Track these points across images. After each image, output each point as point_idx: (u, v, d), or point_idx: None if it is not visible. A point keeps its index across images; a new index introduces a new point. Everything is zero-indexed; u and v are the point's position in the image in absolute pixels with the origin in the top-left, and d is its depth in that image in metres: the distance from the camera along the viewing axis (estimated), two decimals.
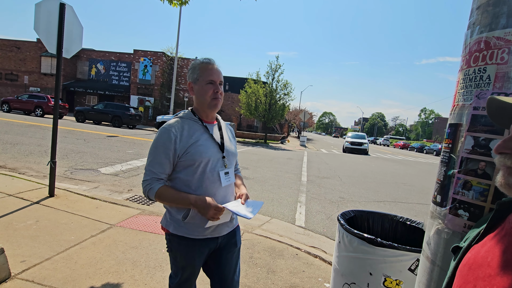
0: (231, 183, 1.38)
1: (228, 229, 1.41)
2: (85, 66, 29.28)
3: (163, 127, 1.28)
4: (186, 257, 1.33)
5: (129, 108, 19.51)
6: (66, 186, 4.51)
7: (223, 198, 1.34)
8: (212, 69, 1.31)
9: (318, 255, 3.11)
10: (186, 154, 1.25)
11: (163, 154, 1.24)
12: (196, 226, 1.29)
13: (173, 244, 1.35)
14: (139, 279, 2.27)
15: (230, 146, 1.43)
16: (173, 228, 1.31)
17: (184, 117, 1.34)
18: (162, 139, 1.25)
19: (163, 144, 1.24)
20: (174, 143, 1.23)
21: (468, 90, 0.82)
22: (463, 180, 0.80)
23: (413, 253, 1.32)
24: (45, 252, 2.47)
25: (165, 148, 1.23)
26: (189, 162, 1.25)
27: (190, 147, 1.25)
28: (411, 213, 5.58)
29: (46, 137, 9.30)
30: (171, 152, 1.24)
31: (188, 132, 1.27)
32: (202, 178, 1.27)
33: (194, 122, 1.32)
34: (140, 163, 7.20)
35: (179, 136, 1.24)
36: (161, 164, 1.24)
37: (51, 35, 3.64)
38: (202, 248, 1.34)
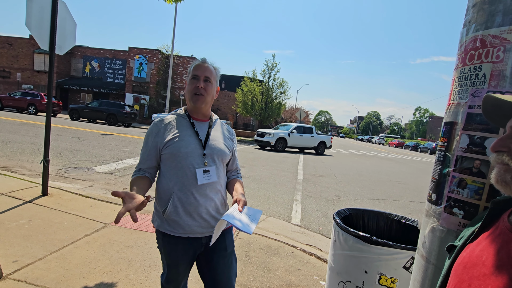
0: (211, 182, 1.32)
1: (210, 231, 1.35)
2: (79, 63, 28.92)
3: (153, 123, 1.38)
4: (170, 255, 1.33)
5: (124, 106, 19.33)
6: (59, 184, 4.45)
7: (202, 197, 1.30)
8: (200, 66, 1.34)
9: (313, 253, 3.12)
10: (166, 148, 1.29)
11: (145, 146, 1.35)
12: (176, 223, 1.28)
13: (159, 240, 1.37)
14: (134, 278, 2.25)
15: (219, 145, 1.38)
16: (157, 225, 1.35)
17: (175, 113, 1.41)
18: (148, 131, 1.36)
19: (146, 137, 1.35)
20: (154, 136, 1.32)
21: (463, 89, 0.82)
22: (458, 179, 0.80)
23: (408, 251, 1.33)
24: (38, 251, 2.44)
25: (146, 141, 1.34)
26: (168, 155, 1.29)
27: (170, 141, 1.28)
28: (406, 211, 5.63)
29: (39, 135, 9.18)
30: (150, 145, 1.32)
31: (173, 127, 1.33)
32: (180, 173, 1.28)
33: (182, 119, 1.38)
34: (135, 162, 7.14)
35: (162, 130, 1.32)
36: (142, 155, 1.35)
37: (44, 31, 3.58)
38: (185, 247, 1.32)
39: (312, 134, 15.97)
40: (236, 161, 1.51)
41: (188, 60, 27.90)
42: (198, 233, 1.32)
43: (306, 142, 15.84)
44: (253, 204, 4.90)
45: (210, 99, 1.37)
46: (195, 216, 1.29)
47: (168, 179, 1.29)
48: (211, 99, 1.38)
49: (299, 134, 15.58)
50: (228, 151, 1.42)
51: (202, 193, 1.30)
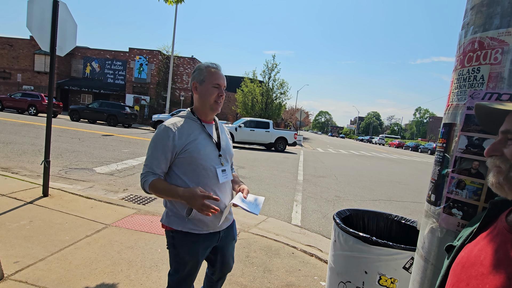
0: (229, 180, 1.46)
1: (227, 223, 1.51)
2: (79, 64, 28.95)
3: (162, 125, 1.33)
4: (190, 253, 1.38)
5: (125, 107, 19.35)
6: (60, 185, 4.46)
7: (223, 194, 1.42)
8: (219, 74, 1.39)
9: (314, 253, 3.12)
10: (185, 152, 1.30)
11: (160, 150, 1.29)
12: (201, 221, 1.36)
13: (177, 240, 1.38)
14: (134, 279, 2.25)
15: (227, 145, 1.50)
16: (177, 225, 1.36)
17: (184, 116, 1.40)
18: (160, 136, 1.30)
19: (161, 141, 1.29)
20: (172, 140, 1.28)
21: (462, 90, 0.83)
22: (457, 180, 0.81)
23: (407, 252, 1.33)
24: (39, 252, 2.44)
25: (163, 145, 1.29)
26: (188, 159, 1.30)
27: (188, 144, 1.30)
28: (406, 212, 5.63)
29: (40, 136, 9.19)
30: (168, 149, 1.29)
31: (187, 130, 1.33)
32: (200, 175, 1.33)
33: (192, 121, 1.38)
34: (136, 162, 7.15)
35: (178, 134, 1.30)
36: (157, 159, 1.30)
37: (45, 33, 3.59)
38: (206, 242, 1.41)
39: (267, 129, 14.81)
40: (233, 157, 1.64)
41: (188, 61, 27.92)
42: (218, 228, 1.43)
43: (259, 138, 14.77)
44: None
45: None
46: (216, 214, 1.35)
47: (189, 181, 1.32)
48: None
49: (249, 128, 14.62)
50: (232, 150, 1.56)
51: (222, 191, 1.41)
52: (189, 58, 28.07)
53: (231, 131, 14.22)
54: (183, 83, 28.03)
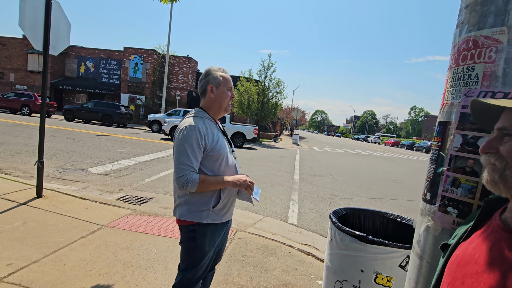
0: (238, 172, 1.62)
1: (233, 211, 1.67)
2: (73, 63, 28.62)
3: (189, 125, 1.40)
4: (211, 243, 1.50)
5: (120, 106, 19.19)
6: (54, 186, 4.41)
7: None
8: (229, 78, 1.56)
9: (310, 252, 3.13)
10: (213, 150, 1.43)
11: (197, 149, 1.39)
12: (222, 210, 1.51)
13: (198, 233, 1.46)
14: (130, 280, 2.24)
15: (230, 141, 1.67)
16: (199, 217, 1.45)
17: (201, 116, 1.49)
18: (194, 136, 1.38)
19: (196, 140, 1.38)
20: (204, 139, 1.40)
21: (457, 89, 0.83)
22: (452, 178, 0.81)
23: (403, 250, 1.34)
24: (32, 254, 2.41)
25: (198, 144, 1.39)
26: (216, 156, 1.44)
27: (215, 143, 1.44)
28: (402, 210, 5.67)
29: (33, 136, 9.07)
30: (201, 147, 1.40)
31: (211, 130, 1.46)
32: (225, 169, 1.49)
33: (211, 122, 1.51)
34: (131, 162, 7.10)
35: (206, 133, 1.42)
36: (196, 157, 1.40)
37: (37, 32, 3.54)
38: (221, 230, 1.56)
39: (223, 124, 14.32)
40: None
41: (184, 60, 27.77)
42: (230, 215, 1.60)
43: None
44: (250, 204, 4.89)
45: None
46: (233, 202, 1.58)
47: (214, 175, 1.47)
48: None
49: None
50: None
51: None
52: (185, 57, 27.91)
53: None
54: (179, 82, 27.87)
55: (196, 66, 29.46)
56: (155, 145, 11.22)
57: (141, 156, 8.17)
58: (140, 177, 5.86)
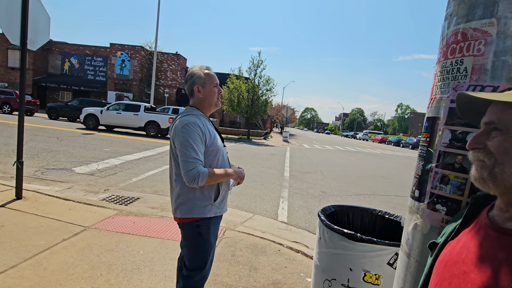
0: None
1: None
2: (57, 60, 27.72)
3: (189, 123, 1.43)
4: (214, 235, 1.58)
5: (106, 104, 18.72)
6: (36, 187, 4.24)
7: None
8: (214, 75, 1.59)
9: (300, 250, 3.12)
10: (212, 145, 1.51)
11: (200, 144, 1.45)
12: (222, 203, 1.58)
13: (203, 228, 1.51)
14: (114, 283, 2.16)
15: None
16: (203, 212, 1.50)
17: (196, 114, 1.53)
18: (196, 132, 1.44)
19: (199, 136, 1.44)
20: (204, 135, 1.47)
21: (445, 83, 0.81)
22: (441, 174, 0.79)
23: (391, 247, 1.33)
24: (10, 259, 2.30)
25: (200, 139, 1.45)
26: (214, 151, 1.52)
27: (212, 139, 1.51)
28: (389, 205, 5.76)
29: (14, 135, 8.71)
30: (203, 142, 1.47)
31: (207, 127, 1.52)
32: (222, 163, 1.59)
33: (205, 119, 1.56)
34: (117, 162, 6.92)
35: (205, 130, 1.48)
36: (201, 151, 1.46)
37: (14, 25, 3.37)
38: (220, 221, 1.64)
39: (136, 112, 13.77)
40: None
41: (172, 57, 27.33)
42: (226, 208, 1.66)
43: (127, 121, 13.83)
44: (240, 202, 4.86)
45: None
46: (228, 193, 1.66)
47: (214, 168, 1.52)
48: None
49: (116, 111, 13.86)
50: None
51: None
52: (173, 54, 27.48)
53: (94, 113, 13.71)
54: (167, 79, 27.44)
55: (185, 63, 29.05)
56: (143, 143, 11.01)
57: (128, 155, 7.99)
58: (127, 176, 5.72)
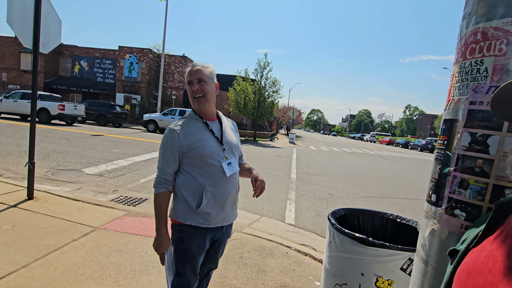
0: (235, 171, 1.50)
1: (233, 218, 1.56)
2: (67, 63, 28.24)
3: (168, 128, 1.41)
4: (199, 246, 1.43)
5: (115, 106, 19.00)
6: (46, 187, 4.31)
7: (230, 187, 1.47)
8: (191, 71, 1.43)
9: (308, 253, 3.09)
10: (192, 150, 1.37)
11: (168, 151, 1.38)
12: (209, 215, 1.41)
13: (186, 234, 1.41)
14: (123, 284, 2.17)
15: (231, 139, 1.54)
16: (185, 219, 1.40)
17: (187, 116, 1.48)
18: (166, 138, 1.39)
19: (168, 143, 1.38)
20: (177, 140, 1.37)
21: (464, 84, 0.78)
22: (460, 179, 0.76)
23: (405, 252, 1.30)
24: (21, 259, 2.33)
25: (170, 146, 1.37)
26: (195, 157, 1.38)
27: (194, 143, 1.37)
28: (398, 208, 5.67)
29: (26, 137, 8.90)
30: (175, 150, 1.37)
31: (191, 130, 1.40)
32: (210, 170, 1.40)
33: (196, 121, 1.45)
34: (126, 163, 6.99)
35: (182, 134, 1.37)
36: (167, 160, 1.38)
37: (27, 29, 3.44)
38: (211, 235, 1.47)
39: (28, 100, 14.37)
40: (241, 150, 1.70)
41: (179, 59, 27.57)
42: (225, 222, 1.49)
43: (22, 109, 14.65)
44: (247, 203, 4.85)
45: (210, 96, 1.44)
46: (224, 207, 1.45)
47: (197, 177, 1.39)
48: (211, 97, 1.46)
49: (14, 99, 14.74)
50: (239, 143, 1.62)
51: (229, 185, 1.46)
52: (181, 56, 27.71)
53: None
54: (175, 81, 27.67)
55: None
56: (151, 145, 11.11)
57: (137, 156, 8.07)
58: (135, 177, 5.77)
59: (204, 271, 1.64)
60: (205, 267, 1.62)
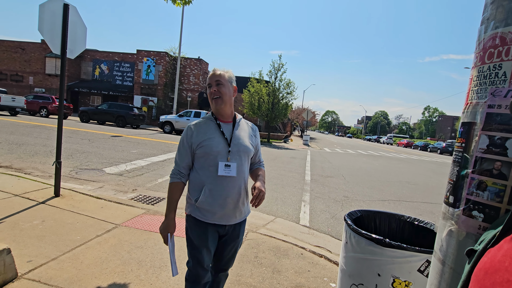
0: (231, 176, 1.49)
1: (235, 220, 1.58)
2: (89, 66, 29.42)
3: (187, 126, 1.58)
4: (200, 238, 1.52)
5: (133, 108, 19.59)
6: (71, 186, 4.53)
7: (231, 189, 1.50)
8: (210, 75, 1.54)
9: (323, 254, 3.09)
10: (200, 148, 1.48)
11: (182, 146, 1.54)
12: (207, 211, 1.49)
13: (189, 224, 1.56)
14: (144, 279, 2.27)
15: (243, 142, 1.57)
16: (189, 210, 1.55)
17: (205, 117, 1.61)
18: (183, 134, 1.56)
19: (183, 138, 1.54)
20: (190, 137, 1.51)
21: (482, 88, 0.80)
22: (478, 181, 0.78)
23: (422, 254, 1.30)
24: (51, 252, 2.48)
25: (184, 142, 1.53)
26: (202, 154, 1.49)
27: (203, 141, 1.48)
28: (416, 212, 5.53)
29: (51, 137, 9.37)
30: (188, 145, 1.52)
31: (204, 129, 1.52)
32: (211, 169, 1.48)
33: (210, 121, 1.56)
34: (144, 163, 7.22)
35: (195, 132, 1.52)
36: (182, 154, 1.54)
37: (55, 36, 3.66)
38: (212, 232, 1.53)
39: None
40: (258, 155, 1.74)
41: (195, 62, 28.07)
42: (224, 221, 1.53)
43: None
44: (262, 204, 4.89)
45: (227, 98, 1.53)
46: (224, 207, 1.49)
47: (201, 174, 1.50)
48: (228, 98, 1.54)
49: None
50: (251, 147, 1.61)
51: (228, 185, 1.49)
52: (196, 59, 28.21)
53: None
54: (190, 84, 28.17)
55: (207, 67, 29.71)
56: (167, 145, 11.38)
57: (154, 157, 8.30)
58: (153, 177, 5.95)
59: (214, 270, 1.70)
60: (215, 266, 1.69)
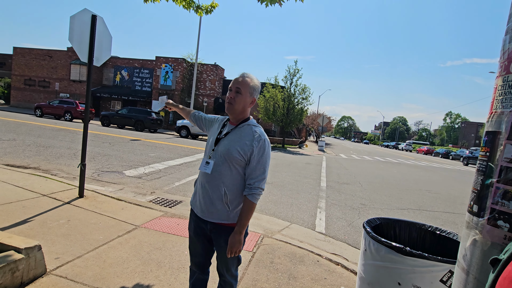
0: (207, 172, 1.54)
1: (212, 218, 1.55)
2: (110, 73, 30.65)
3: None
4: (190, 226, 1.71)
5: (151, 112, 20.18)
6: (94, 187, 4.73)
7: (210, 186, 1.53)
8: (234, 80, 1.57)
9: (340, 262, 3.05)
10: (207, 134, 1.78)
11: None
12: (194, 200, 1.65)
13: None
14: (163, 279, 2.33)
15: (228, 145, 1.51)
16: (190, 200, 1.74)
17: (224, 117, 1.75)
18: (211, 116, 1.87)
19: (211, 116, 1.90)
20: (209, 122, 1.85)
21: (507, 97, 0.80)
22: (503, 190, 0.78)
23: (445, 264, 1.27)
24: (76, 250, 2.60)
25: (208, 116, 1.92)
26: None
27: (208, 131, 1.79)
28: (438, 222, 5.34)
29: (75, 140, 9.81)
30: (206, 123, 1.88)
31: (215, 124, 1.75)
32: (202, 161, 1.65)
33: (222, 121, 1.71)
34: (161, 166, 7.40)
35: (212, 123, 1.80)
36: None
37: (83, 45, 3.87)
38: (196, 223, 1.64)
39: None
40: (253, 172, 1.48)
41: (211, 68, 28.62)
42: (205, 216, 1.56)
43: None
44: (277, 210, 4.89)
45: (238, 107, 1.53)
46: (202, 200, 1.57)
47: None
48: (239, 106, 1.53)
49: None
50: (236, 153, 1.47)
51: (204, 179, 1.56)
52: (212, 65, 28.74)
53: None
54: (206, 89, 28.69)
55: (222, 73, 30.18)
56: (184, 150, 11.61)
57: (171, 161, 8.49)
58: (170, 180, 6.09)
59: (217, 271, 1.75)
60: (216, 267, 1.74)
